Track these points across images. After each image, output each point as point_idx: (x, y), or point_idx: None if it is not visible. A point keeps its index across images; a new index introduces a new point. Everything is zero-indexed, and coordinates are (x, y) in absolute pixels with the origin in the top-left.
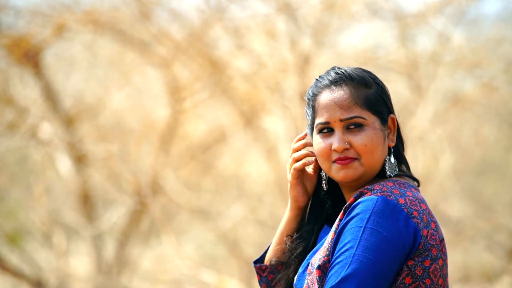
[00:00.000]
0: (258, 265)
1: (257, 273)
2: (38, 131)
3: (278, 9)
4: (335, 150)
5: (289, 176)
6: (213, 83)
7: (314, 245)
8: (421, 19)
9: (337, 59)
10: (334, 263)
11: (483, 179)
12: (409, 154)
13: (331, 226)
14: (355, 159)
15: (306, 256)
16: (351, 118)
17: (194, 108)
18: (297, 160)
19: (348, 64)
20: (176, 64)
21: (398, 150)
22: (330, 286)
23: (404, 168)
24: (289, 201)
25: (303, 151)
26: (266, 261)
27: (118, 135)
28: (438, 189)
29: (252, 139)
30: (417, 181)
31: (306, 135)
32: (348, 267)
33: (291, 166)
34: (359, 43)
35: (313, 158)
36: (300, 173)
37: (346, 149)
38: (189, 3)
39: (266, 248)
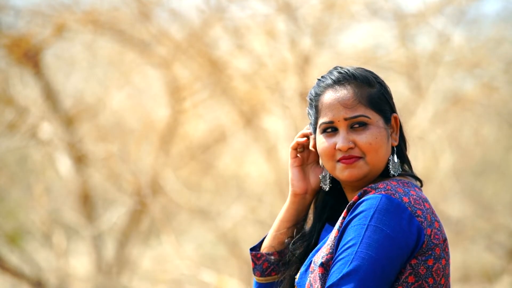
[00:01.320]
0: (254, 252)
1: (252, 260)
2: (38, 131)
3: (278, 9)
4: (339, 149)
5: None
6: (213, 83)
7: (316, 244)
8: (421, 19)
9: (337, 59)
10: (337, 260)
11: (483, 179)
12: (409, 154)
13: (332, 225)
14: (359, 157)
15: (307, 255)
16: (356, 117)
17: (194, 108)
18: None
19: (349, 64)
20: (176, 64)
21: (401, 149)
22: (331, 282)
23: (407, 168)
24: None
25: (300, 132)
26: (263, 249)
27: (118, 135)
28: (438, 189)
29: (252, 139)
30: (420, 180)
31: (310, 133)
32: (350, 264)
33: None
34: (359, 43)
35: (304, 138)
36: (297, 155)
37: (351, 148)
38: (189, 3)
39: (263, 236)
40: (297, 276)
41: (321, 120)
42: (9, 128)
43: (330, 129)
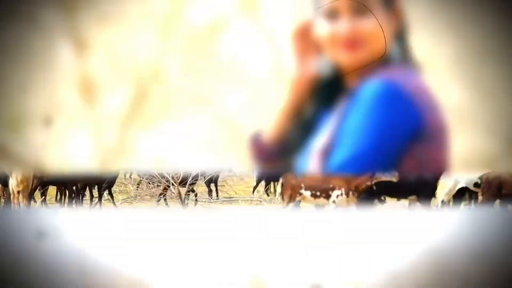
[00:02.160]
0: (254, 140)
1: (253, 148)
2: (38, 16)
3: None
4: (342, 35)
5: None
6: None
7: (315, 130)
8: None
9: None
10: (337, 146)
11: (484, 65)
12: (410, 40)
13: (332, 112)
14: (362, 43)
15: (307, 140)
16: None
17: None
18: None
19: None
20: None
21: (402, 35)
22: (332, 167)
23: (408, 54)
24: None
25: (301, 18)
26: (263, 137)
27: (119, 20)
28: (438, 75)
29: (253, 24)
30: (420, 66)
31: (311, 19)
32: (350, 150)
33: None
34: None
35: (304, 23)
36: (297, 41)
37: (353, 33)
38: None
39: (263, 124)
40: (297, 162)
41: (323, 4)
42: (7, 13)
43: (333, 14)
